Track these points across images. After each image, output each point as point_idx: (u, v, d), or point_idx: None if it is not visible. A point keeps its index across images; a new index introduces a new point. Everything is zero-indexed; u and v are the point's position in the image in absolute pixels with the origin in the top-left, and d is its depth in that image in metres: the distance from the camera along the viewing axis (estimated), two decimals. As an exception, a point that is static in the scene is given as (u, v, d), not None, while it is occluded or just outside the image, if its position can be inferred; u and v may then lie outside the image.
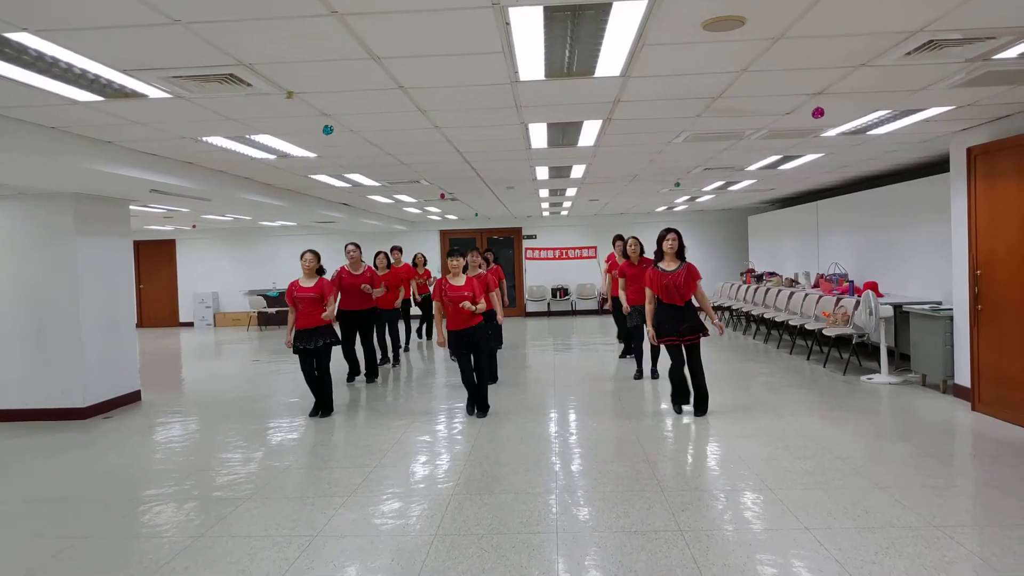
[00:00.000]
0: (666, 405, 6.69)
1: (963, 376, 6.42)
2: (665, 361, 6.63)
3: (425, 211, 13.86)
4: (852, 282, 9.19)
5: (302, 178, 8.36)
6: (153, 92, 4.26)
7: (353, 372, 8.65)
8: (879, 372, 7.64)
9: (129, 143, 5.83)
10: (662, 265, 6.16)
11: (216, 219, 13.29)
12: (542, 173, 8.79)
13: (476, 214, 15.19)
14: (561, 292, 17.13)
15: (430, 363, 10.14)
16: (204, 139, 5.76)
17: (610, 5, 3.13)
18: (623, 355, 9.79)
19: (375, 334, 8.97)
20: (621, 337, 11.01)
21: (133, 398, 7.82)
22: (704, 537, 3.61)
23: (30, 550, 3.80)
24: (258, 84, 4.16)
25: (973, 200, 6.06)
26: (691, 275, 6.07)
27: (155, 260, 17.84)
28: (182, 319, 17.81)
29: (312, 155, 6.74)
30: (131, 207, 8.98)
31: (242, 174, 7.92)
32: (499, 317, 7.91)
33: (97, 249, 7.37)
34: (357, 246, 8.14)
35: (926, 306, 7.19)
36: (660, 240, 6.22)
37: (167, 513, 4.28)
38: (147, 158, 6.29)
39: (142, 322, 17.60)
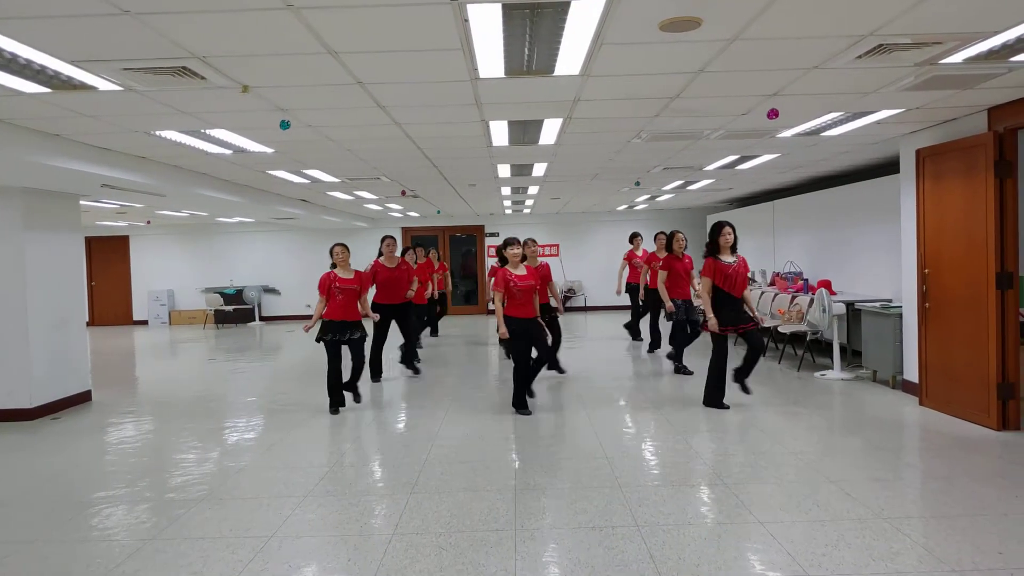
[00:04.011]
0: (624, 402, 6.77)
1: (912, 372, 6.62)
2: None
3: (386, 208, 13.74)
4: (807, 280, 9.39)
5: (260, 174, 8.21)
6: (103, 84, 4.14)
7: (377, 371, 8.27)
8: (832, 368, 7.83)
9: (79, 136, 5.65)
10: (722, 257, 6.27)
11: (171, 215, 13.00)
12: (504, 171, 8.79)
13: (438, 211, 15.12)
14: (524, 290, 17.10)
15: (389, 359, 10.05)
16: (157, 133, 5.62)
17: (568, 4, 3.14)
18: (651, 349, 9.85)
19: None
20: (632, 327, 11.15)
21: (83, 398, 7.59)
22: (660, 532, 3.66)
23: (-29, 556, 3.66)
24: (212, 78, 4.07)
25: (922, 201, 6.24)
26: (746, 267, 6.42)
27: (108, 257, 17.33)
28: (136, 317, 17.34)
29: (269, 150, 6.63)
30: (82, 202, 8.74)
31: (197, 169, 7.75)
32: (559, 308, 8.05)
33: (46, 245, 7.12)
34: (394, 239, 8.02)
35: (877, 304, 7.40)
36: (716, 233, 6.28)
37: (117, 516, 4.17)
38: (98, 152, 6.12)
39: (94, 320, 17.15)
